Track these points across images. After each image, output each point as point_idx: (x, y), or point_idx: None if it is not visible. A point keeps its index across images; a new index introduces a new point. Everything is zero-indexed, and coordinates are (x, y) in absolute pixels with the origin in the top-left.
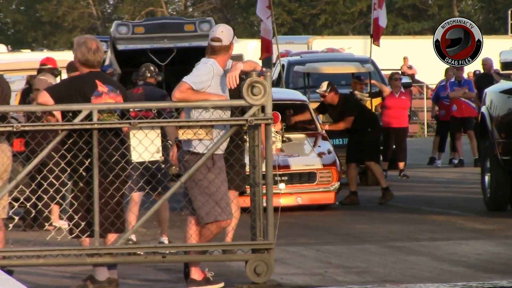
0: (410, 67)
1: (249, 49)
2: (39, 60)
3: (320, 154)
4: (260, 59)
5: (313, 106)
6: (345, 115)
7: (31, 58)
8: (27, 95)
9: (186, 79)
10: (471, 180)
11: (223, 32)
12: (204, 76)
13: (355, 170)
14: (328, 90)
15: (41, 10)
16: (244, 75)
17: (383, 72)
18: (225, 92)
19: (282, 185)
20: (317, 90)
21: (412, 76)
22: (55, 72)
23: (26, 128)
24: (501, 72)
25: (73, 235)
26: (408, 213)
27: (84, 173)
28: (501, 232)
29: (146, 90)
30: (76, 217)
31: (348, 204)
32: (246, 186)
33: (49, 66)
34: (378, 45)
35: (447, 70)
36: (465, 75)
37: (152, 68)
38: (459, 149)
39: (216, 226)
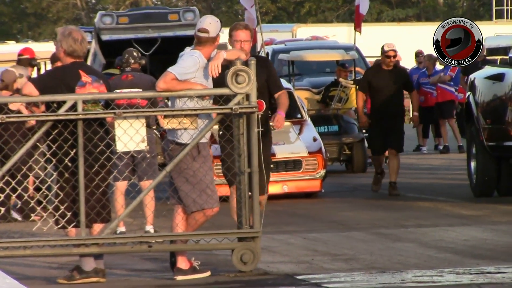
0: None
1: None
2: None
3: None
4: None
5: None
6: (410, 88)
7: (16, 49)
8: None
9: (171, 69)
10: (457, 166)
11: (210, 23)
12: (190, 68)
13: (383, 158)
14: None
15: (25, 2)
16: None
17: (367, 59)
18: (208, 81)
19: None
20: (387, 48)
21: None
22: (32, 62)
23: (12, 120)
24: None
25: (59, 226)
26: (394, 200)
27: (69, 164)
28: (488, 218)
29: (135, 76)
30: (62, 207)
31: (377, 190)
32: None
33: (25, 56)
34: (360, 32)
35: (417, 54)
36: None
37: (135, 53)
38: (444, 135)
39: (202, 214)
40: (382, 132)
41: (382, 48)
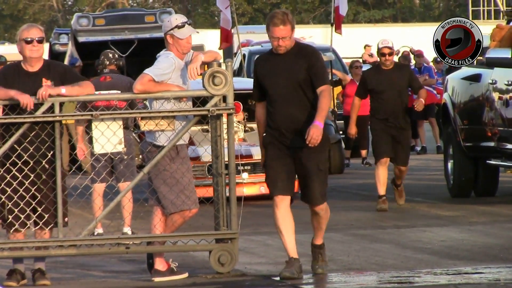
0: (371, 55)
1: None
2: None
3: None
4: (219, 49)
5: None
6: (417, 87)
7: None
8: None
9: (148, 71)
10: (434, 167)
11: None
12: (166, 69)
13: (386, 168)
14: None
15: (2, 3)
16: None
17: (344, 60)
18: (185, 83)
19: (245, 175)
20: (380, 45)
21: (373, 64)
22: None
23: None
24: None
25: (37, 227)
26: (371, 200)
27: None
28: (465, 219)
29: (114, 78)
30: (40, 209)
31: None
32: None
33: None
34: (340, 33)
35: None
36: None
37: (110, 55)
38: (422, 136)
39: (180, 216)
40: (387, 137)
41: (377, 45)
